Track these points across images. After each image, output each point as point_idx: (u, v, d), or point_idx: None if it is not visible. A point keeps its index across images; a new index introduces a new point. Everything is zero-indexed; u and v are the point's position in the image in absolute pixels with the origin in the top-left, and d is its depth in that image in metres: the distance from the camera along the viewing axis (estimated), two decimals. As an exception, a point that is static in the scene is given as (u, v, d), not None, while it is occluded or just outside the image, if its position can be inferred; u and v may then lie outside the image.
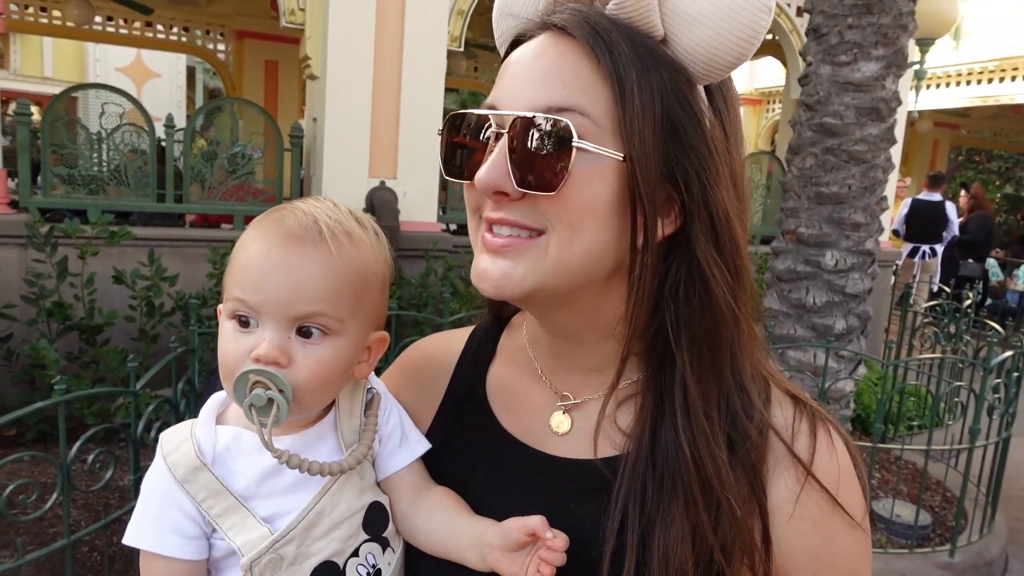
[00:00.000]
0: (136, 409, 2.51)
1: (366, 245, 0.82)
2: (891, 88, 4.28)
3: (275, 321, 0.76)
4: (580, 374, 0.85)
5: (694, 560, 0.72)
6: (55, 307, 4.14)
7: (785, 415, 0.79)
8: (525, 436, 0.87)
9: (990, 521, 4.22)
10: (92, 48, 14.95)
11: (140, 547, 0.78)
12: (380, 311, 0.85)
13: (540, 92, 0.70)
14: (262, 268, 0.76)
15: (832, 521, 0.76)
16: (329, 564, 0.80)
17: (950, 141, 14.54)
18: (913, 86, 7.72)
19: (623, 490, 0.76)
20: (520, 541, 0.75)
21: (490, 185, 0.71)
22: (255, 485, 0.79)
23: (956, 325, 6.35)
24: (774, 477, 0.76)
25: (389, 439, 0.88)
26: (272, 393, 0.74)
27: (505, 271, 0.73)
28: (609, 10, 0.71)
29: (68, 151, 5.12)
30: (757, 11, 0.70)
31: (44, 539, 3.25)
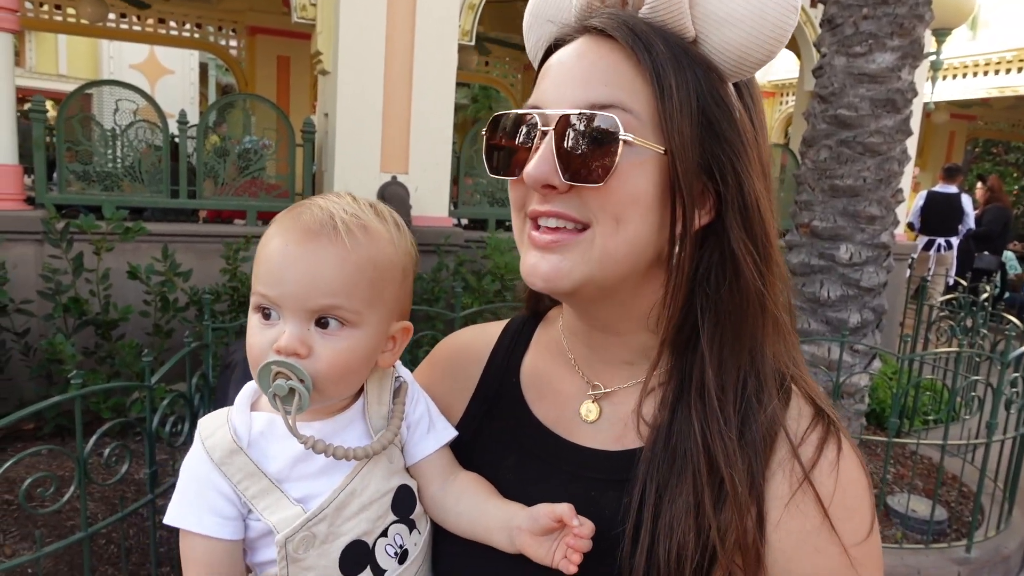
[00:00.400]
0: (151, 403, 2.53)
1: (384, 238, 0.84)
2: (907, 79, 4.23)
3: (294, 314, 0.79)
4: (613, 366, 0.88)
5: (695, 534, 0.74)
6: (71, 302, 4.18)
7: (801, 420, 0.80)
8: (555, 425, 0.90)
9: (1007, 516, 4.18)
10: (106, 45, 15.06)
11: (181, 527, 0.81)
12: (402, 302, 0.88)
13: (584, 91, 0.74)
14: (280, 263, 0.80)
15: (819, 538, 0.75)
16: (359, 543, 0.83)
17: (967, 133, 14.36)
18: (929, 77, 7.63)
19: (642, 468, 0.79)
20: (548, 527, 0.79)
21: (539, 179, 0.74)
22: (288, 468, 0.82)
23: (973, 319, 6.28)
24: (774, 475, 0.77)
25: (417, 426, 0.92)
26: (293, 383, 0.77)
27: (555, 265, 0.76)
28: (643, 13, 0.76)
29: (83, 148, 5.16)
30: (785, 11, 0.74)
31: (62, 532, 3.29)
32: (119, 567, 3.13)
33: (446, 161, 5.70)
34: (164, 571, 3.14)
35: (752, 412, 0.78)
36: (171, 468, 3.45)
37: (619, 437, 0.85)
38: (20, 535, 3.30)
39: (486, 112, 19.74)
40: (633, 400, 0.85)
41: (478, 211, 6.39)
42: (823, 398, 0.83)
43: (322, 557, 0.81)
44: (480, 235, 5.85)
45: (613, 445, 0.85)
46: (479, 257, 5.41)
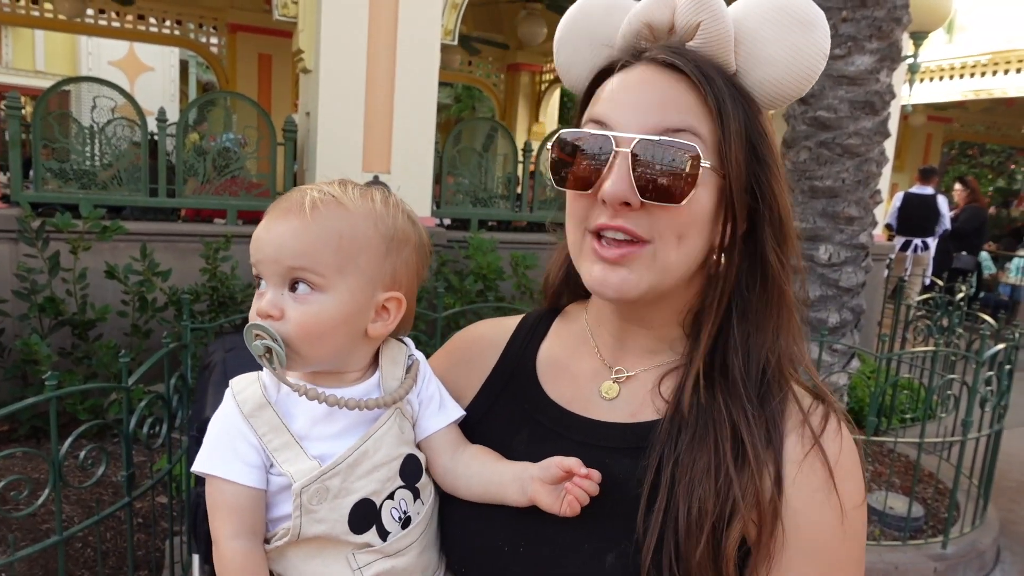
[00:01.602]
0: (128, 405, 2.50)
1: (358, 213, 0.91)
2: (885, 81, 4.28)
3: (271, 280, 0.89)
4: (637, 355, 0.96)
5: (715, 494, 0.82)
6: (47, 302, 4.12)
7: (805, 397, 0.90)
8: (570, 404, 0.97)
9: (982, 512, 4.24)
10: (84, 41, 14.85)
11: (211, 473, 0.89)
12: (390, 273, 0.94)
13: (657, 116, 0.82)
14: (259, 235, 0.91)
15: (824, 494, 0.84)
16: (367, 502, 0.90)
17: (943, 135, 14.55)
18: (907, 80, 7.73)
19: (661, 436, 0.87)
20: (558, 476, 0.86)
21: (617, 196, 0.81)
22: (309, 427, 0.91)
23: (949, 318, 6.37)
24: (787, 439, 0.86)
25: (428, 404, 0.99)
26: (268, 342, 0.86)
27: (624, 278, 0.84)
28: (692, 45, 0.85)
29: (60, 145, 5.09)
30: (816, 57, 0.85)
31: (37, 535, 3.24)
32: (95, 571, 3.09)
33: (429, 161, 5.68)
34: (142, 574, 3.11)
35: (769, 391, 0.88)
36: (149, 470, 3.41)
37: (635, 413, 0.93)
38: (-6, 539, 3.25)
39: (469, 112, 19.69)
40: (651, 381, 0.94)
41: (461, 211, 6.38)
42: (820, 383, 0.93)
43: (333, 511, 0.88)
44: (463, 235, 5.84)
45: (628, 419, 0.92)
46: (461, 257, 5.40)
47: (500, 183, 6.68)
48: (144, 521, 3.34)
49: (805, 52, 0.85)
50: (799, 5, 0.85)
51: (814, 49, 0.85)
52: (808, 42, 0.85)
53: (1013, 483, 5.26)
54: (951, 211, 10.30)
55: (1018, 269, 11.31)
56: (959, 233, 10.38)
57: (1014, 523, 4.67)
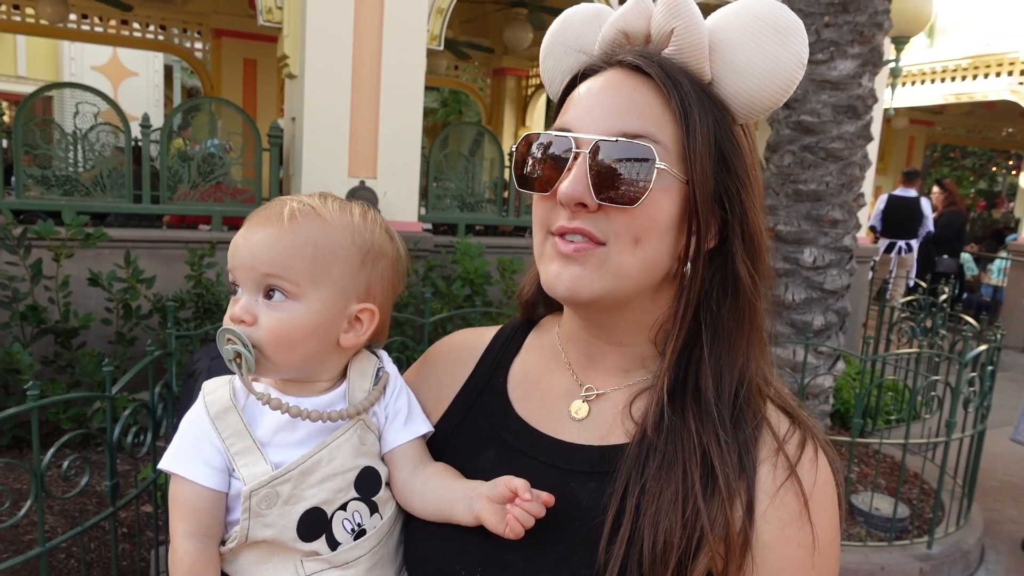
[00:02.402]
0: (112, 413, 2.48)
1: (335, 225, 0.92)
2: (867, 86, 4.32)
3: (246, 286, 0.90)
4: (608, 374, 0.94)
5: (682, 525, 0.79)
6: (29, 310, 4.08)
7: (782, 423, 0.88)
8: (539, 423, 0.95)
9: (966, 512, 4.28)
10: (67, 47, 14.70)
11: (175, 472, 0.90)
12: (364, 286, 0.94)
13: (617, 120, 0.81)
14: (236, 242, 0.92)
15: (797, 529, 0.81)
16: (318, 511, 0.90)
17: (925, 138, 14.72)
18: (889, 84, 7.81)
19: (628, 461, 0.84)
20: (505, 495, 0.84)
21: (573, 196, 0.80)
22: (271, 433, 0.91)
23: (932, 320, 6.44)
24: (760, 468, 0.83)
25: (396, 417, 0.99)
26: (238, 347, 0.87)
27: (576, 275, 0.82)
28: (667, 53, 0.84)
29: (42, 151, 5.04)
30: (794, 67, 0.84)
31: (19, 547, 3.20)
32: (80, 582, 3.05)
33: (415, 166, 5.67)
34: (127, 585, 3.07)
35: (742, 415, 0.85)
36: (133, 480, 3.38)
37: (604, 435, 0.90)
38: (-25, 551, 3.20)
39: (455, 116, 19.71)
40: (622, 401, 0.91)
41: (447, 216, 6.38)
42: (795, 406, 0.91)
43: (282, 517, 0.88)
44: (450, 240, 5.83)
45: (597, 441, 0.90)
46: (449, 262, 5.40)
47: (487, 188, 6.68)
48: (129, 531, 3.30)
49: (782, 61, 0.83)
50: (775, 13, 0.84)
51: (791, 58, 0.83)
52: (785, 51, 0.83)
53: (996, 483, 5.31)
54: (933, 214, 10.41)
55: (1000, 270, 11.44)
56: (938, 237, 10.50)
57: (998, 522, 4.72)
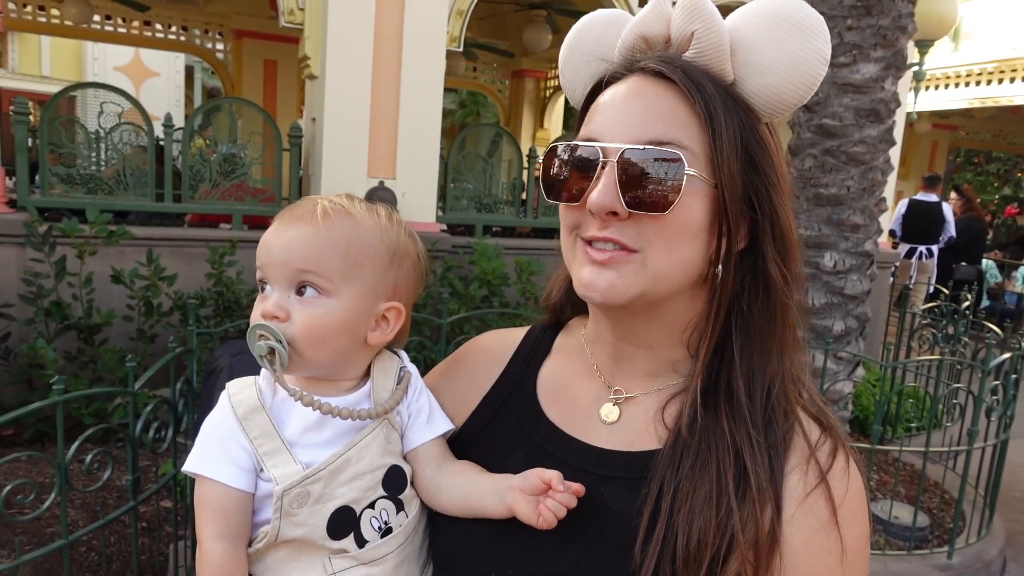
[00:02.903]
0: (134, 409, 2.50)
1: (366, 225, 0.95)
2: (890, 89, 4.28)
3: (277, 283, 0.91)
4: (635, 377, 0.94)
5: (715, 525, 0.78)
6: (53, 307, 4.14)
7: (813, 429, 0.87)
8: (569, 427, 0.95)
9: (988, 523, 4.22)
10: (90, 47, 14.91)
11: (203, 474, 0.89)
12: (391, 285, 0.96)
13: (643, 127, 0.81)
14: (268, 240, 0.93)
15: (825, 537, 0.80)
16: (347, 508, 0.91)
17: (949, 142, 14.54)
18: (912, 87, 7.73)
19: (662, 463, 0.84)
20: (538, 487, 0.85)
21: (604, 206, 0.80)
22: (299, 434, 0.92)
23: (954, 327, 6.35)
24: (791, 474, 0.83)
25: (417, 416, 1.00)
26: (272, 343, 0.88)
27: (612, 281, 0.82)
28: (688, 56, 0.83)
29: (66, 150, 5.11)
30: (817, 63, 0.83)
31: (42, 539, 3.24)
32: (100, 574, 3.09)
33: (433, 167, 5.69)
34: (145, 579, 3.11)
35: (774, 416, 0.85)
36: (153, 475, 3.41)
37: (633, 440, 0.90)
38: (-2, 543, 3.25)
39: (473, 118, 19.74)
40: (653, 406, 0.91)
41: (465, 217, 6.39)
42: (828, 413, 0.90)
43: (313, 516, 0.89)
44: (467, 241, 5.84)
45: (627, 447, 0.90)
46: (466, 263, 5.41)
47: (505, 189, 6.69)
48: (148, 525, 3.34)
49: (804, 59, 0.82)
50: (795, 10, 0.83)
51: (814, 55, 0.82)
52: (807, 48, 0.82)
53: (1020, 493, 5.23)
54: None
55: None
56: (956, 244, 10.40)
57: (1020, 533, 4.65)
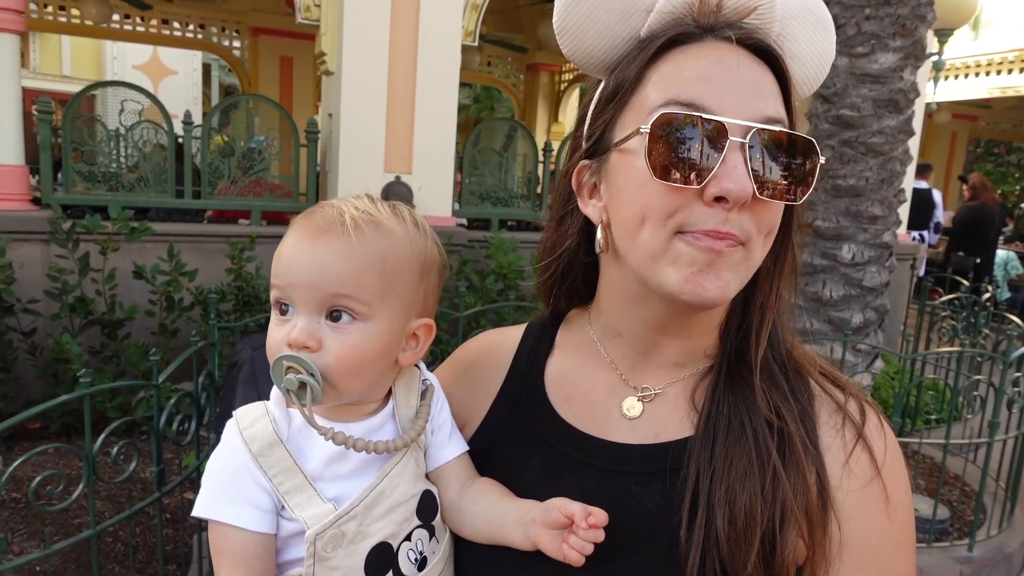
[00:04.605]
0: (158, 402, 2.55)
1: (398, 235, 0.84)
2: (909, 79, 4.24)
3: (304, 307, 0.80)
4: (662, 368, 0.88)
5: (762, 498, 0.75)
6: (77, 302, 4.21)
7: (834, 393, 0.84)
8: (586, 426, 0.89)
9: (1009, 515, 4.18)
10: (110, 46, 15.08)
11: (219, 519, 0.79)
12: (422, 299, 0.87)
13: (763, 104, 0.74)
14: (290, 257, 0.81)
15: (876, 496, 0.78)
16: (385, 545, 0.83)
17: (969, 133, 14.34)
18: (931, 77, 7.63)
19: (696, 448, 0.80)
20: (560, 521, 0.78)
21: (745, 195, 0.71)
22: (323, 467, 0.82)
23: (975, 318, 6.29)
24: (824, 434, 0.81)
25: (440, 431, 0.92)
26: (303, 376, 0.77)
27: (723, 285, 0.74)
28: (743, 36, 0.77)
29: (88, 148, 5.19)
30: (830, 62, 0.84)
31: (69, 530, 3.31)
32: (126, 565, 3.15)
33: (449, 161, 5.71)
34: (170, 569, 3.16)
35: (798, 382, 0.84)
36: (177, 467, 3.47)
37: (658, 432, 0.85)
38: (28, 533, 3.33)
39: (488, 112, 19.73)
40: (675, 397, 0.86)
41: (481, 211, 6.41)
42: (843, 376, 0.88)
43: (349, 557, 0.80)
44: (483, 235, 5.86)
45: (651, 440, 0.85)
46: (482, 257, 5.43)
47: (520, 183, 6.70)
48: (172, 516, 3.39)
49: (826, 55, 0.83)
50: (820, 5, 0.83)
51: (830, 53, 0.83)
52: (828, 45, 0.83)
53: (1041, 486, 5.17)
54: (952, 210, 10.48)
55: (1046, 269, 11.13)
56: (952, 233, 10.42)
57: (1042, 526, 4.60)
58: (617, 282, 0.85)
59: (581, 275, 0.93)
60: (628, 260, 0.79)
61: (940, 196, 10.37)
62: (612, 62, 0.82)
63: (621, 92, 0.79)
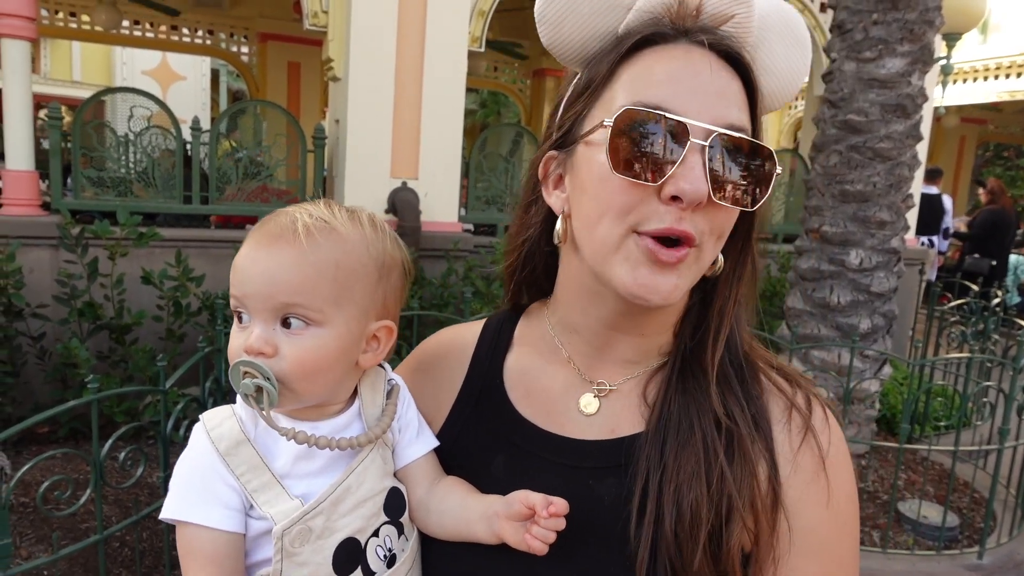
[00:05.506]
0: (165, 407, 2.56)
1: (353, 239, 0.85)
2: (917, 84, 4.23)
3: (259, 315, 0.82)
4: (617, 364, 0.90)
5: (708, 496, 0.78)
6: (86, 307, 4.23)
7: (784, 387, 0.87)
8: (545, 422, 0.90)
9: (1020, 522, 4.15)
10: (119, 52, 15.19)
11: (186, 520, 0.80)
12: (381, 301, 0.88)
13: (727, 110, 0.75)
14: (244, 266, 0.83)
15: (820, 488, 0.81)
16: (352, 540, 0.84)
17: (977, 137, 14.28)
18: (939, 81, 7.61)
19: (646, 444, 0.83)
20: (522, 513, 0.80)
21: (700, 196, 0.72)
22: (291, 465, 0.84)
23: (984, 324, 6.25)
24: (774, 429, 0.84)
25: (407, 430, 0.93)
26: (259, 381, 0.79)
27: (674, 284, 0.77)
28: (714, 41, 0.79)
29: (97, 154, 5.22)
30: (803, 79, 0.85)
31: (77, 534, 3.32)
32: (133, 570, 3.16)
33: (456, 167, 5.72)
34: (176, 574, 3.16)
35: (753, 383, 0.86)
36: (184, 471, 3.49)
37: (613, 428, 0.87)
38: (36, 537, 3.34)
39: (494, 118, 19.77)
40: (630, 392, 0.89)
41: (487, 216, 6.41)
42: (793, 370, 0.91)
43: (317, 553, 0.82)
44: (489, 240, 5.87)
45: (608, 435, 0.87)
46: (488, 262, 5.43)
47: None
48: (179, 522, 3.40)
49: (799, 71, 0.84)
50: (800, 23, 0.84)
51: (805, 71, 0.85)
52: (803, 63, 0.85)
53: (1052, 493, 5.13)
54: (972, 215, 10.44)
55: (1056, 274, 11.06)
56: (970, 236, 10.48)
57: (1053, 534, 4.55)
58: (574, 275, 0.87)
59: (541, 265, 0.95)
60: (584, 253, 0.81)
61: (950, 201, 10.37)
62: (589, 55, 0.83)
63: (593, 87, 0.81)
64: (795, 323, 4.57)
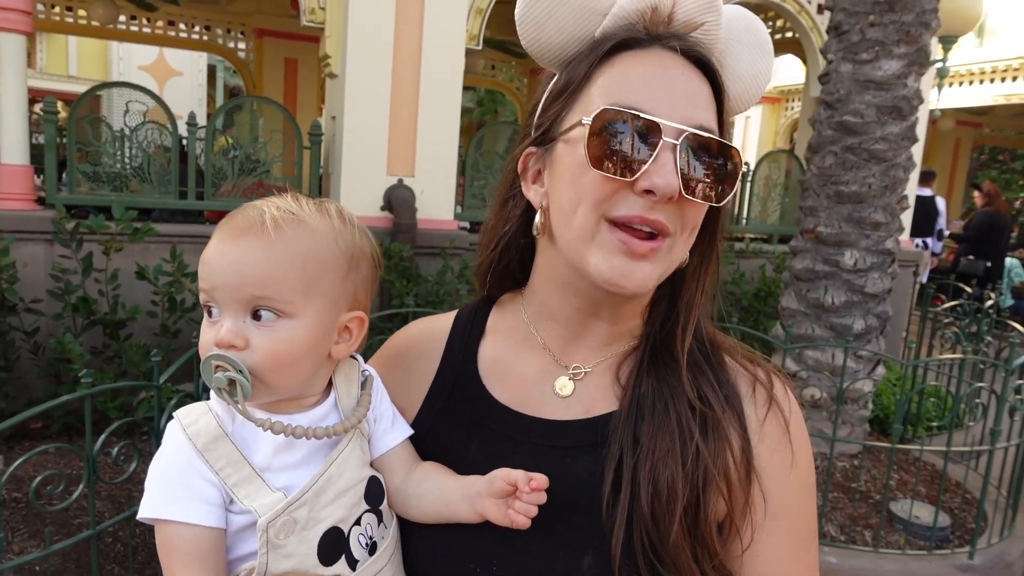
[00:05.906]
0: (159, 403, 2.56)
1: (320, 231, 0.86)
2: (913, 86, 4.24)
3: (229, 308, 0.82)
4: (591, 348, 0.94)
5: (683, 472, 0.82)
6: (80, 302, 4.21)
7: (747, 364, 0.93)
8: (520, 406, 0.93)
9: (1011, 523, 4.17)
10: (116, 47, 15.12)
11: (168, 518, 0.80)
12: (351, 293, 0.89)
13: (696, 111, 0.81)
14: (212, 260, 0.83)
15: (785, 454, 0.88)
16: (336, 530, 0.85)
17: (973, 139, 14.33)
18: (935, 84, 7.63)
19: (620, 423, 0.87)
20: (504, 489, 0.83)
21: (669, 192, 0.77)
22: (271, 457, 0.84)
23: (977, 325, 6.28)
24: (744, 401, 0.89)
25: (382, 419, 0.95)
26: (231, 374, 0.79)
27: (647, 274, 0.81)
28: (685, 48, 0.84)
29: (93, 149, 5.20)
30: (765, 85, 0.90)
31: (69, 530, 3.31)
32: (125, 566, 3.16)
33: (452, 164, 5.72)
34: (170, 569, 3.17)
35: (721, 369, 0.91)
36: (177, 467, 3.49)
37: (589, 408, 0.91)
38: (28, 532, 3.33)
39: (491, 116, 19.77)
40: (603, 374, 0.93)
41: (483, 214, 6.40)
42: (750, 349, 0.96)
43: (302, 544, 0.82)
44: (485, 238, 5.86)
45: (583, 415, 0.91)
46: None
47: (523, 187, 6.69)
48: (172, 517, 3.40)
49: (762, 75, 0.89)
50: (763, 30, 0.89)
51: (767, 74, 0.89)
52: (765, 66, 0.89)
53: (1043, 494, 5.15)
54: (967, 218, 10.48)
55: (1049, 276, 11.12)
56: (966, 238, 10.58)
57: (1044, 535, 4.58)
58: (552, 265, 0.90)
59: (517, 258, 0.98)
60: (561, 244, 0.85)
61: (944, 203, 10.45)
62: (567, 57, 0.88)
63: (571, 88, 0.85)
64: (789, 323, 4.58)
